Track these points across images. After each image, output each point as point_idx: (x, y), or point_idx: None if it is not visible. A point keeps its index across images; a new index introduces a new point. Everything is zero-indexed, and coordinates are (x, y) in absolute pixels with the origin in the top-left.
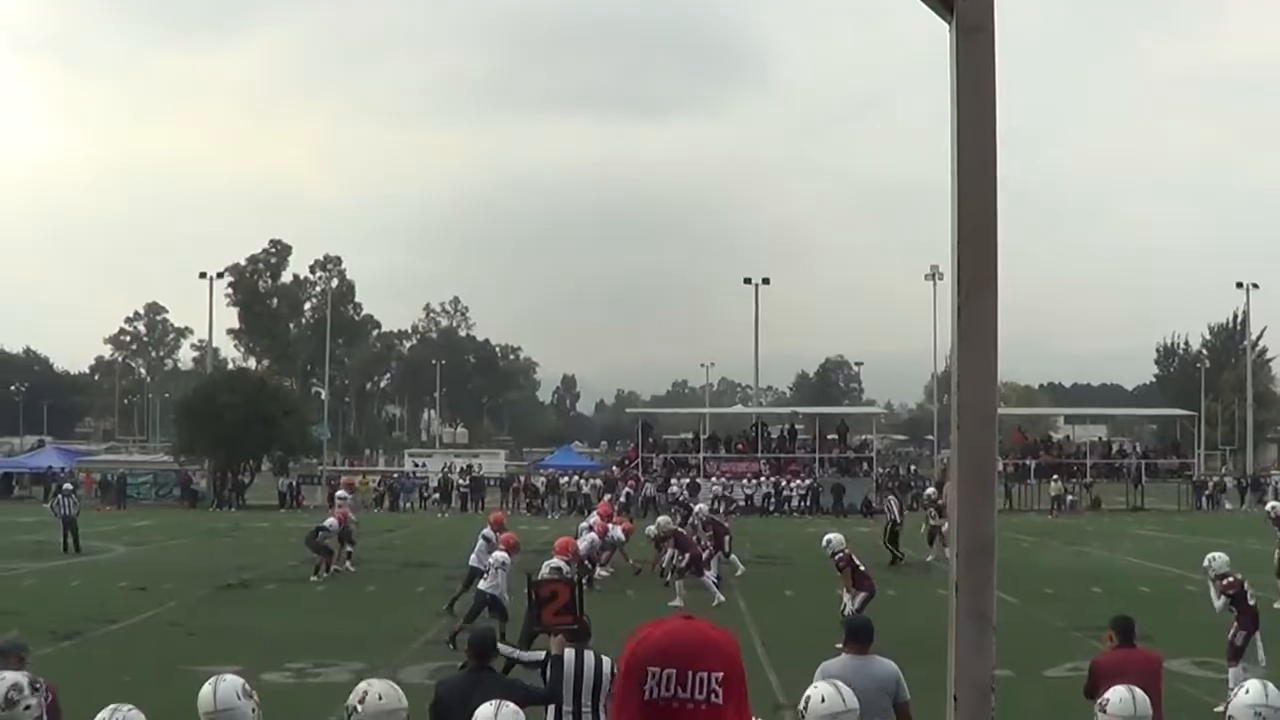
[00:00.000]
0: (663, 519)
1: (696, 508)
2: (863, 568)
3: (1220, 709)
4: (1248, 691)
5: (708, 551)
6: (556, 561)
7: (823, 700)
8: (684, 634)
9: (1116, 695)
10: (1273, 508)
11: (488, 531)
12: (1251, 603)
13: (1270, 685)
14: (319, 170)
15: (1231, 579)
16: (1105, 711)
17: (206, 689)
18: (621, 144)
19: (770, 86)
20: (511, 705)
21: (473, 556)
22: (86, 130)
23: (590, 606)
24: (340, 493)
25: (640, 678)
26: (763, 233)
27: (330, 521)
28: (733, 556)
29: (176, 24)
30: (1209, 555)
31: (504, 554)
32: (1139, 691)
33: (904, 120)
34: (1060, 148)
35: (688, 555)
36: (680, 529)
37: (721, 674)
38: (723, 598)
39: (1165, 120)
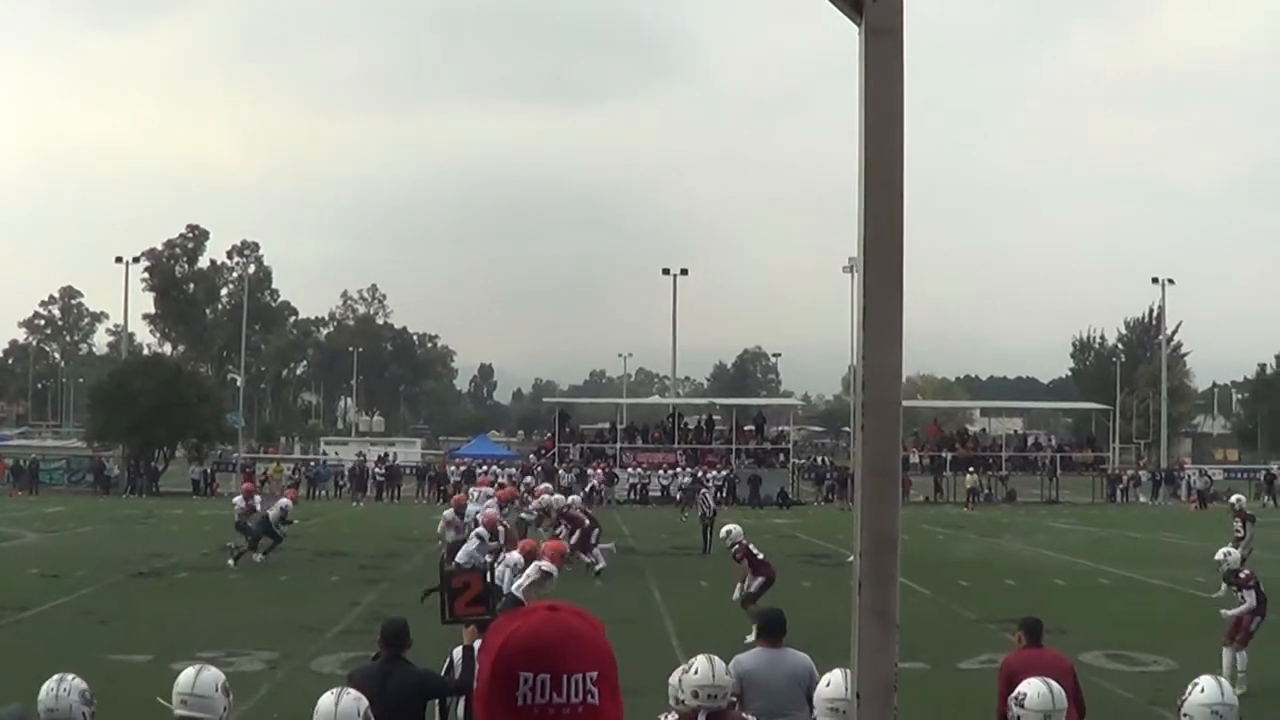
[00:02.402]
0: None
1: (570, 499)
2: (760, 556)
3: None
4: (1203, 690)
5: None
6: (548, 566)
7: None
8: (553, 634)
9: (1033, 689)
10: (1237, 500)
11: (481, 530)
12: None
13: (1224, 682)
14: (239, 155)
15: (1247, 572)
16: (1024, 706)
17: (188, 672)
18: (542, 132)
19: (692, 78)
20: (353, 693)
21: (461, 554)
22: (4, 111)
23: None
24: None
25: (511, 683)
26: (682, 224)
27: (284, 502)
28: (596, 551)
29: (97, 5)
30: (1222, 551)
31: (518, 556)
32: (1054, 683)
33: (823, 114)
34: (981, 142)
35: (578, 531)
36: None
37: (596, 673)
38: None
39: (1085, 116)
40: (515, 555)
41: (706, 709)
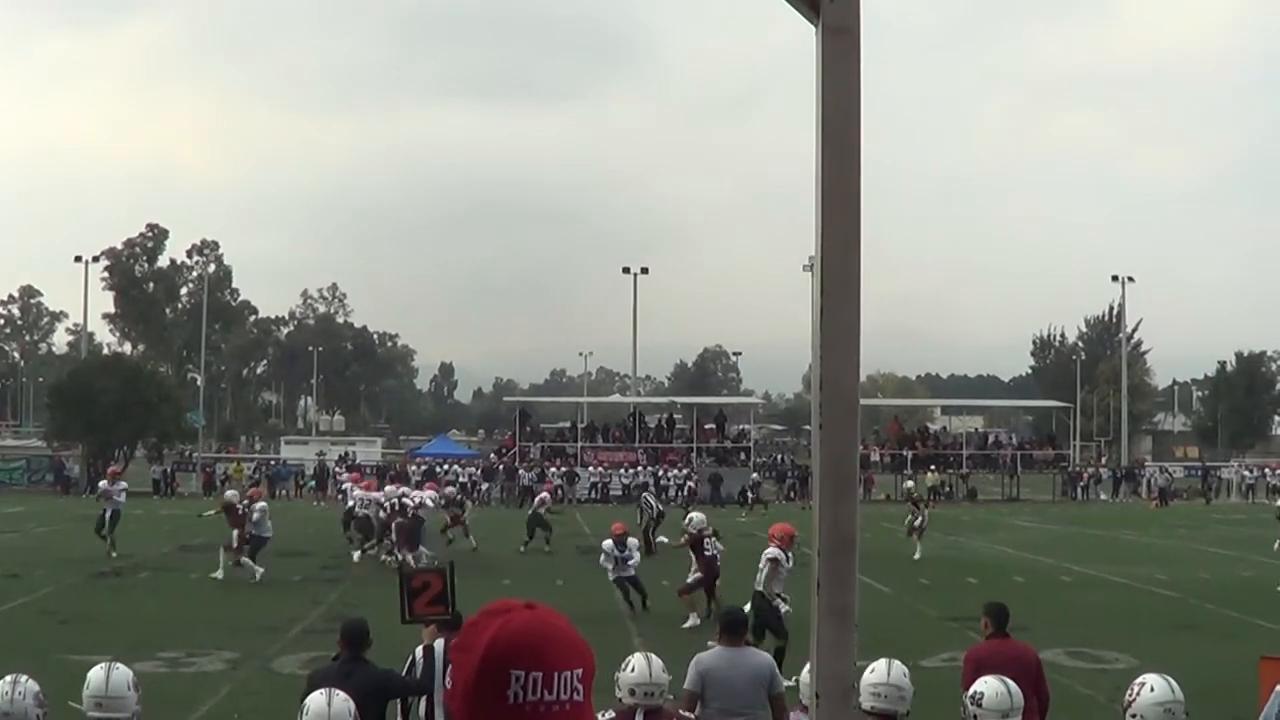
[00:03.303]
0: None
1: (420, 497)
2: (710, 553)
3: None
4: (1152, 689)
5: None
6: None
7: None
8: (543, 631)
9: (990, 689)
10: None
11: (608, 544)
12: None
13: (1171, 680)
14: (199, 154)
15: None
16: (981, 706)
17: (98, 673)
18: (503, 132)
19: (652, 77)
20: (342, 695)
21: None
22: None
23: (463, 593)
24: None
25: (503, 681)
26: (643, 223)
27: (262, 505)
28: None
29: (59, 4)
30: None
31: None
32: (1011, 682)
33: (783, 113)
34: (941, 141)
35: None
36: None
37: (581, 670)
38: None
39: (1047, 115)
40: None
41: (643, 706)
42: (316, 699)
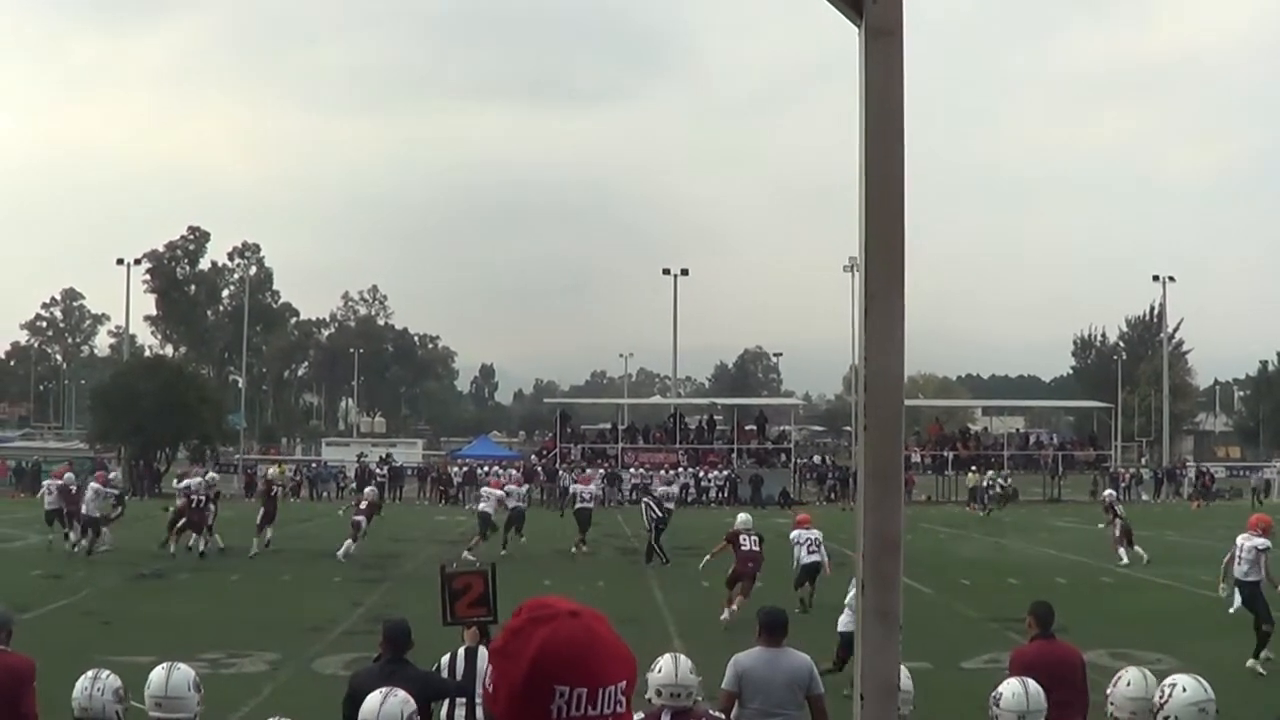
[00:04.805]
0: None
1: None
2: (747, 548)
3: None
4: (1185, 690)
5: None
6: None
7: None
8: (588, 645)
9: (1009, 689)
10: (1108, 495)
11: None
12: None
13: (1202, 679)
14: (239, 156)
15: None
16: (999, 706)
17: (159, 673)
18: (543, 132)
19: (693, 79)
20: (401, 693)
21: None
22: (4, 114)
23: (503, 594)
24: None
25: (546, 695)
26: (682, 224)
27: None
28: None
29: (97, 6)
30: None
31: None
32: (1031, 683)
33: (824, 113)
34: (985, 140)
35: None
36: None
37: (625, 682)
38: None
39: (1090, 114)
40: None
41: (670, 708)
42: (372, 697)
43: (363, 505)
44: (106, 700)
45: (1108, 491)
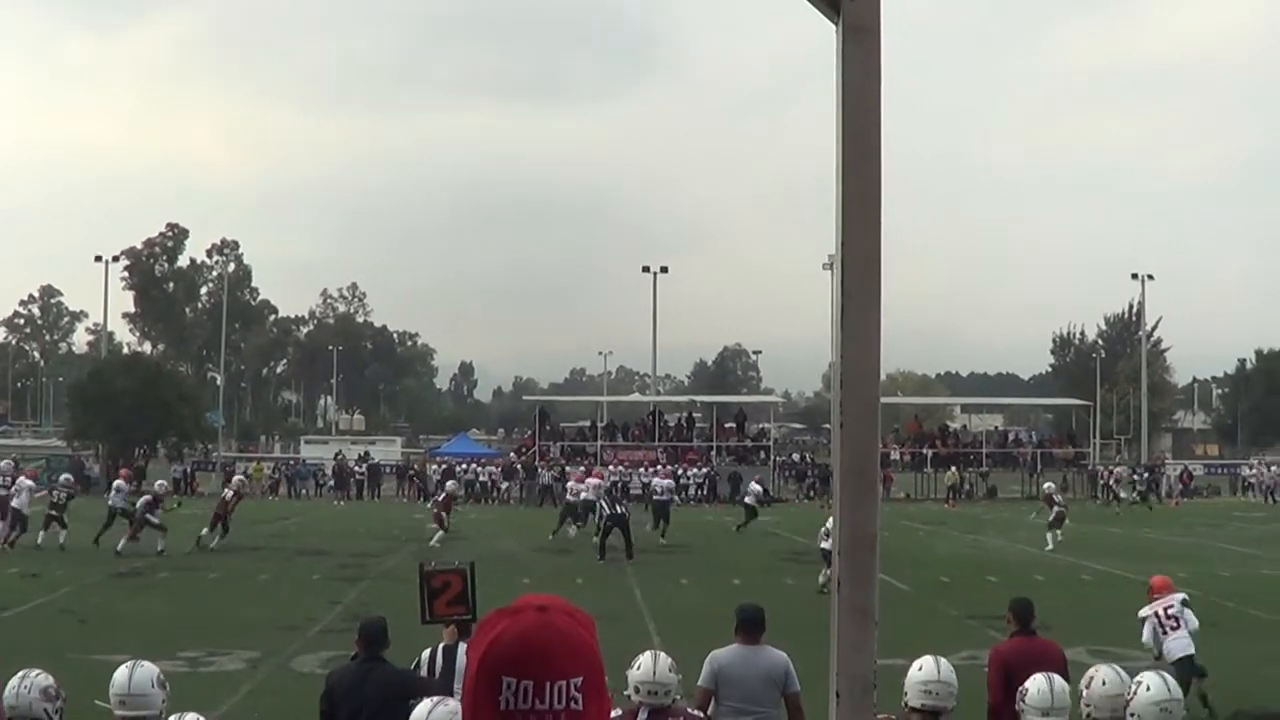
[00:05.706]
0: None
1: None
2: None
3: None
4: (1149, 688)
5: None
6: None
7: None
8: (540, 639)
9: (1035, 685)
10: (1047, 487)
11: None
12: None
13: (1169, 677)
14: (219, 154)
15: None
16: (1024, 701)
17: (122, 671)
18: (523, 131)
19: (671, 77)
20: (452, 703)
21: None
22: None
23: (483, 592)
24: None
25: (495, 686)
26: (662, 221)
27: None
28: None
29: (78, 5)
30: None
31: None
32: (1057, 679)
33: (805, 112)
34: (965, 138)
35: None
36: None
37: (581, 678)
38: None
39: (1071, 115)
40: None
41: (648, 705)
42: (421, 707)
43: (440, 498)
44: (34, 699)
45: (1048, 485)
